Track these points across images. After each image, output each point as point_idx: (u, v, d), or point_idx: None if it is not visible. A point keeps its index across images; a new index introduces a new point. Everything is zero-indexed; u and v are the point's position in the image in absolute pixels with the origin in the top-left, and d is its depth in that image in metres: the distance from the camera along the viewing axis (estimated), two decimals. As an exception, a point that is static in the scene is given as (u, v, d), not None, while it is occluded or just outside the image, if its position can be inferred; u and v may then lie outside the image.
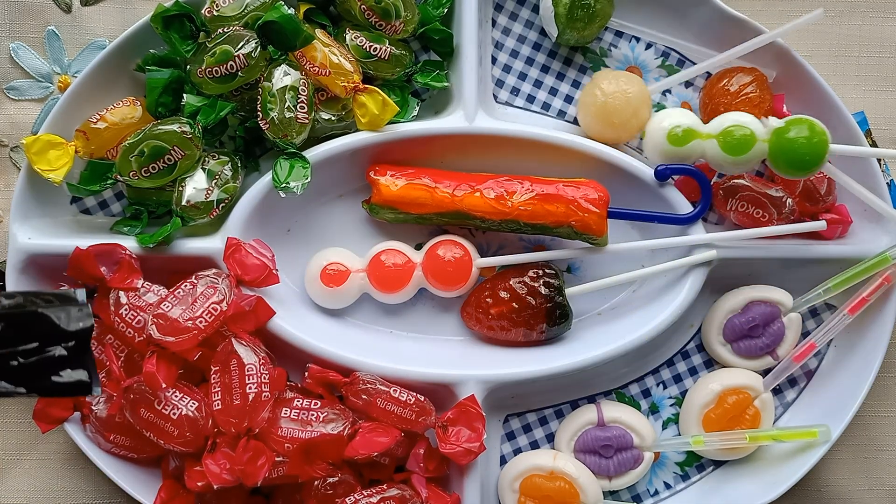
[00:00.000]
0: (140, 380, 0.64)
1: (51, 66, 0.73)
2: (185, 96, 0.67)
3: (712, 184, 0.73)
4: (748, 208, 0.71)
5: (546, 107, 0.74)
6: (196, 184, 0.67)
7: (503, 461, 0.73)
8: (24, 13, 0.72)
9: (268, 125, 0.66)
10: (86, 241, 0.67)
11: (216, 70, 0.65)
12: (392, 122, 0.70)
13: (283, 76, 0.66)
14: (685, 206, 0.71)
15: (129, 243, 0.67)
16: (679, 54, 0.74)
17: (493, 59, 0.74)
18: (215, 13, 0.66)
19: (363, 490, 0.67)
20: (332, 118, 0.69)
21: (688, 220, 0.71)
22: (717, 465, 0.74)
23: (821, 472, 0.75)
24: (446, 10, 0.71)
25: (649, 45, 0.74)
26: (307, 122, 0.67)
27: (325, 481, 0.66)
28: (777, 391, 0.75)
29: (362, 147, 0.70)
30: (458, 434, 0.67)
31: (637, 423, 0.72)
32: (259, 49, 0.66)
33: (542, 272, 0.71)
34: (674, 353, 0.75)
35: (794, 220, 0.71)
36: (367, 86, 0.68)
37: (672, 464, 0.75)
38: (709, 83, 0.73)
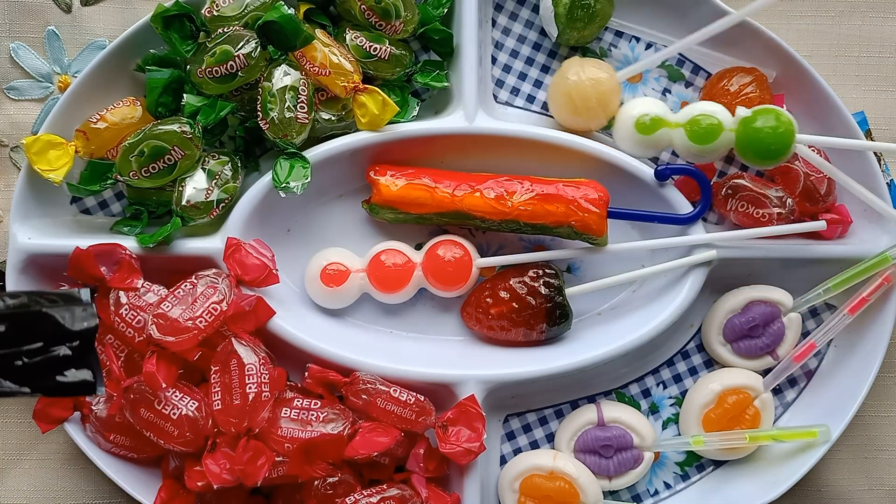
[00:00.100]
0: (140, 380, 0.64)
1: (51, 66, 0.73)
2: (185, 96, 0.67)
3: (712, 184, 0.73)
4: (748, 208, 0.71)
5: (546, 107, 0.74)
6: (196, 184, 0.67)
7: (503, 461, 0.73)
8: (24, 13, 0.72)
9: (268, 125, 0.66)
10: (86, 241, 0.66)
11: (216, 70, 0.65)
12: (392, 122, 0.70)
13: (283, 76, 0.66)
14: (685, 206, 0.71)
15: (129, 243, 0.67)
16: (679, 54, 0.74)
17: (493, 59, 0.74)
18: (215, 13, 0.66)
19: (363, 490, 0.67)
20: (332, 118, 0.69)
21: (688, 220, 0.71)
22: (717, 465, 0.74)
23: (821, 472, 0.75)
24: (446, 10, 0.71)
25: (649, 45, 0.74)
26: (307, 122, 0.67)
27: (325, 481, 0.66)
28: (777, 391, 0.74)
29: (362, 147, 0.70)
30: (458, 434, 0.67)
31: (637, 423, 0.72)
32: (259, 49, 0.66)
33: (542, 272, 0.71)
34: (674, 353, 0.75)
35: (794, 220, 0.71)
36: (367, 86, 0.68)
37: (672, 464, 0.75)
38: (709, 83, 0.73)
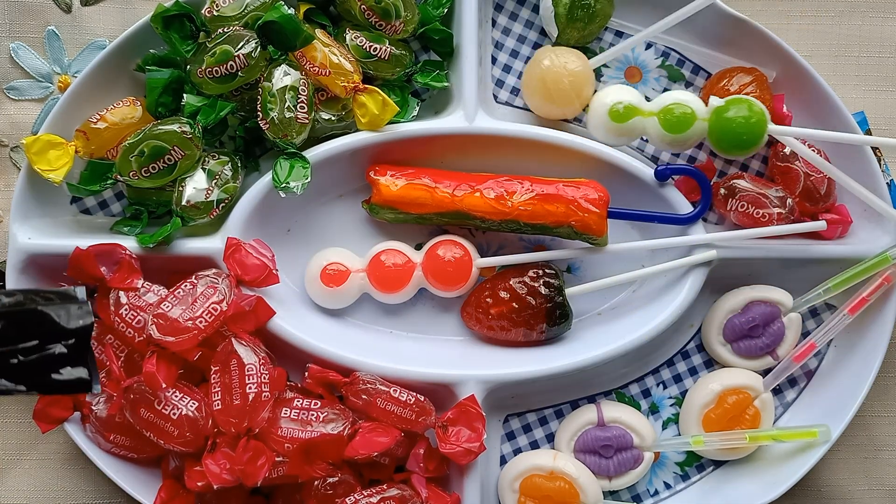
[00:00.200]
0: (140, 380, 0.64)
1: (51, 66, 0.73)
2: (185, 96, 0.67)
3: (712, 184, 0.73)
4: (748, 208, 0.71)
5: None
6: (196, 184, 0.67)
7: (503, 461, 0.73)
8: (24, 13, 0.72)
9: (268, 125, 0.66)
10: (86, 241, 0.66)
11: (216, 70, 0.65)
12: (392, 122, 0.70)
13: (283, 76, 0.66)
14: (685, 206, 0.71)
15: (129, 243, 0.67)
16: (679, 54, 0.74)
17: (493, 59, 0.74)
18: (215, 13, 0.66)
19: (363, 490, 0.67)
20: (332, 118, 0.69)
21: (688, 220, 0.71)
22: (717, 465, 0.74)
23: (821, 472, 0.75)
24: (446, 10, 0.71)
25: (649, 45, 0.74)
26: (307, 122, 0.67)
27: (325, 481, 0.66)
28: (777, 391, 0.74)
29: (362, 147, 0.69)
30: (458, 434, 0.67)
31: (637, 423, 0.72)
32: (259, 49, 0.66)
33: (542, 272, 0.71)
34: (674, 353, 0.75)
35: (794, 220, 0.71)
36: (367, 86, 0.68)
37: (672, 464, 0.74)
38: (709, 83, 0.73)
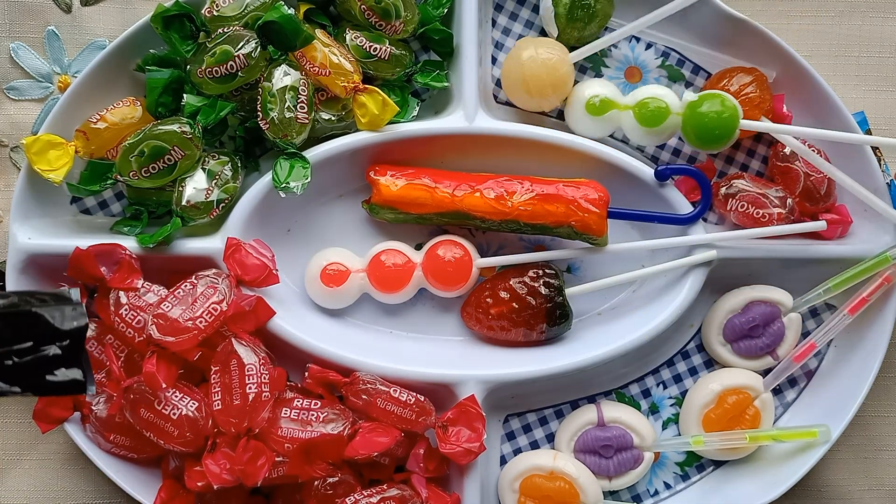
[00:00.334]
0: (140, 380, 0.64)
1: (51, 66, 0.73)
2: (185, 96, 0.67)
3: (712, 184, 0.73)
4: (748, 208, 0.71)
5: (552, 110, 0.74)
6: (196, 184, 0.67)
7: (503, 461, 0.73)
8: (24, 13, 0.72)
9: (268, 125, 0.66)
10: (86, 241, 0.66)
11: (216, 70, 0.65)
12: (392, 122, 0.70)
13: (283, 76, 0.66)
14: (685, 206, 0.71)
15: (129, 243, 0.67)
16: (679, 54, 0.74)
17: (493, 59, 0.74)
18: (215, 13, 0.66)
19: (363, 490, 0.66)
20: (332, 118, 0.69)
21: (688, 220, 0.71)
22: (717, 465, 0.74)
23: (821, 472, 0.75)
24: (446, 10, 0.71)
25: (649, 45, 0.74)
26: (307, 122, 0.67)
27: (325, 481, 0.66)
28: (777, 391, 0.74)
29: (362, 147, 0.70)
30: (458, 434, 0.67)
31: (637, 423, 0.72)
32: (259, 49, 0.66)
33: (542, 272, 0.71)
34: (674, 353, 0.75)
35: (794, 220, 0.71)
36: (367, 86, 0.68)
37: (672, 464, 0.74)
38: (708, 83, 0.73)
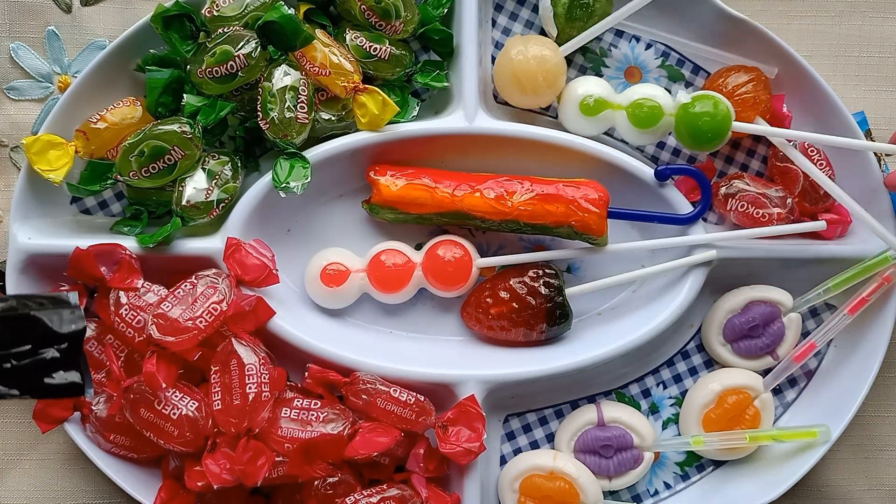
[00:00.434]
0: (140, 380, 0.64)
1: (51, 66, 0.73)
2: (185, 96, 0.67)
3: (712, 184, 0.73)
4: (748, 208, 0.71)
5: (547, 107, 0.74)
6: (196, 184, 0.67)
7: (503, 461, 0.73)
8: (24, 13, 0.72)
9: (268, 125, 0.66)
10: (86, 241, 0.66)
11: (216, 70, 0.65)
12: (392, 122, 0.70)
13: (283, 76, 0.66)
14: (685, 206, 0.71)
15: (129, 243, 0.67)
16: (679, 54, 0.74)
17: (493, 60, 0.74)
18: (215, 13, 0.66)
19: (363, 490, 0.67)
20: (332, 118, 0.69)
21: (688, 220, 0.71)
22: (717, 465, 0.74)
23: (821, 472, 0.75)
24: (446, 10, 0.71)
25: (649, 45, 0.74)
26: (307, 122, 0.67)
27: (325, 481, 0.66)
28: (777, 391, 0.74)
29: (362, 147, 0.70)
30: (458, 434, 0.67)
31: (637, 423, 0.72)
32: (259, 49, 0.66)
33: (542, 272, 0.71)
34: (674, 353, 0.75)
35: (794, 220, 0.71)
36: (367, 86, 0.68)
37: (672, 464, 0.74)
38: (708, 82, 0.73)
